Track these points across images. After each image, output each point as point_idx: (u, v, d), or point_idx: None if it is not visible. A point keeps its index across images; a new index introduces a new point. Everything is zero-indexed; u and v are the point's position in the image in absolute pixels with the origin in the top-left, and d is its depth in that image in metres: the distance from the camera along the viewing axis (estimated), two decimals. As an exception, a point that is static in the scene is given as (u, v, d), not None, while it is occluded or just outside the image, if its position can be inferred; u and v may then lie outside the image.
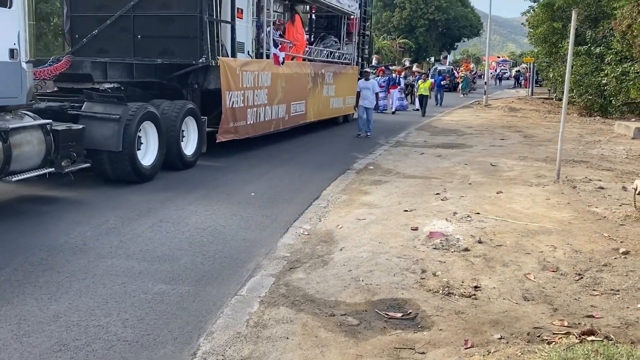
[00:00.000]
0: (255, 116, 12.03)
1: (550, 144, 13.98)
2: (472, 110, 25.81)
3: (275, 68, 12.68)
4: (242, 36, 11.70)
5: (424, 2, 55.55)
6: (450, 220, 6.76)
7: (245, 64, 11.48)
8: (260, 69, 12.10)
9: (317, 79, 15.74)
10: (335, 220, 6.84)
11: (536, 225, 6.64)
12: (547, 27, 27.09)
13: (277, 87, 12.88)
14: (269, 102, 12.59)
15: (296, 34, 15.00)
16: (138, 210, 7.03)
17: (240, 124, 11.38)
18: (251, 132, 12.01)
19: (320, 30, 18.98)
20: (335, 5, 16.79)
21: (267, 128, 12.80)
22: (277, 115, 13.13)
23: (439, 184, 9.07)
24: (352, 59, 18.87)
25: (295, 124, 14.54)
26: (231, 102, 10.90)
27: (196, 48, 10.15)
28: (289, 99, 13.75)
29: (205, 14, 10.06)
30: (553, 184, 9.07)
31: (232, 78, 10.79)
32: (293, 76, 13.98)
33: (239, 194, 8.19)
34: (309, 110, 15.26)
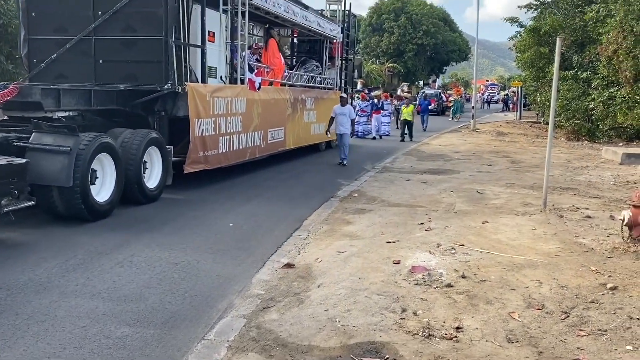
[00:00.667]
0: (228, 144, 11.41)
1: (537, 170, 13.84)
2: (460, 135, 25.76)
3: (250, 94, 12.16)
4: (214, 61, 11.23)
5: (412, 27, 55.96)
6: (434, 253, 6.54)
7: (217, 89, 10.90)
8: (234, 94, 11.53)
9: (297, 104, 15.31)
10: (315, 253, 6.61)
11: (522, 258, 6.44)
12: (534, 52, 27.20)
13: (252, 114, 12.37)
14: (243, 130, 12.02)
15: (272, 59, 14.47)
16: (108, 245, 6.75)
17: (211, 153, 10.72)
18: (224, 161, 11.32)
19: (302, 54, 18.66)
20: (317, 29, 16.43)
21: (241, 157, 12.13)
22: (252, 142, 12.55)
23: (423, 212, 8.87)
24: (335, 83, 18.55)
25: (273, 152, 13.96)
26: (200, 130, 10.27)
27: (161, 73, 9.58)
28: (266, 126, 13.23)
29: (170, 37, 9.50)
30: (540, 212, 8.88)
31: (201, 105, 10.21)
32: (270, 102, 13.49)
33: (217, 225, 7.94)
34: (289, 137, 14.77)
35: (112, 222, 7.85)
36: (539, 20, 27.17)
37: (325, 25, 17.01)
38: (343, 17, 18.76)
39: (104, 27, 9.76)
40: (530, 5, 27.99)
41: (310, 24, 15.85)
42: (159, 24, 9.50)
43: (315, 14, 16.42)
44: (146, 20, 9.58)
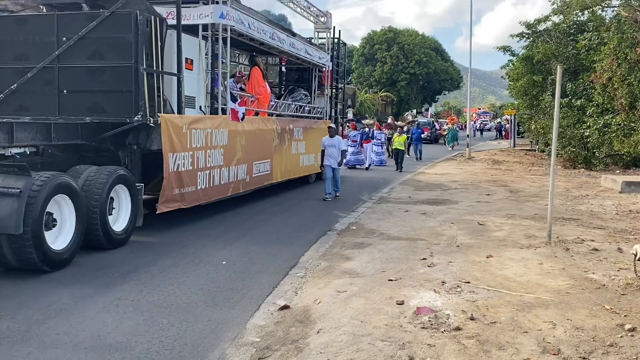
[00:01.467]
0: (208, 180, 10.57)
1: (537, 200, 13.58)
2: (455, 163, 25.55)
3: (233, 124, 11.42)
4: (192, 90, 10.51)
5: (405, 57, 56.31)
6: (439, 292, 6.19)
7: (195, 121, 10.10)
8: (215, 126, 10.76)
9: (285, 135, 14.64)
10: (313, 293, 6.24)
11: (532, 296, 6.09)
12: (527, 80, 27.24)
13: (235, 146, 11.61)
14: (225, 163, 11.18)
15: (257, 87, 13.71)
16: (94, 287, 6.36)
17: (188, 190, 9.85)
18: (203, 198, 10.44)
19: (290, 83, 18.07)
20: (305, 57, 15.92)
21: (223, 192, 11.27)
22: (236, 177, 11.73)
23: (425, 246, 8.54)
24: (325, 112, 18.09)
25: (259, 186, 13.15)
26: (175, 166, 9.43)
27: (130, 104, 8.71)
28: (251, 158, 12.46)
29: (141, 64, 8.66)
30: (545, 245, 8.56)
31: (177, 137, 9.41)
32: (256, 133, 12.75)
33: (208, 263, 7.56)
34: (275, 170, 14.03)
35: (99, 262, 7.47)
36: (532, 48, 27.21)
37: (314, 53, 16.59)
38: (332, 45, 18.44)
39: (69, 54, 8.91)
40: (522, 34, 28.05)
41: (298, 52, 15.39)
42: (128, 50, 8.68)
43: (303, 42, 15.99)
44: (114, 47, 8.79)
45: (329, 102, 18.24)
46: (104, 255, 7.77)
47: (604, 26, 22.08)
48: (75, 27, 8.85)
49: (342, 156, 14.14)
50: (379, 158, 24.32)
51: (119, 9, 8.72)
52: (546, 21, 27.06)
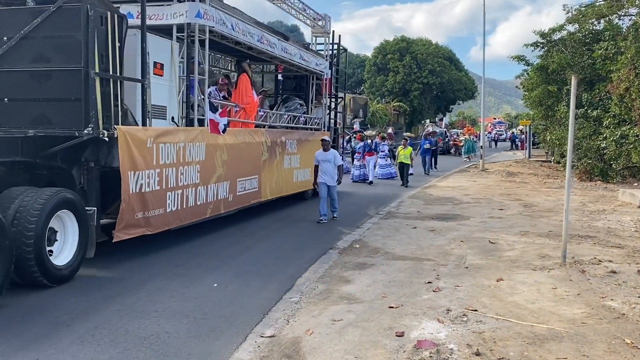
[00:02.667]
0: (181, 201, 9.27)
1: (552, 215, 13.03)
2: (468, 175, 24.99)
3: (213, 137, 10.18)
4: (162, 98, 9.26)
5: (418, 67, 55.79)
6: (443, 322, 5.70)
7: (163, 133, 8.81)
8: (189, 139, 9.50)
9: (276, 148, 13.34)
10: (306, 322, 5.78)
11: (544, 327, 5.59)
12: (542, 90, 26.64)
13: (215, 161, 10.36)
14: (202, 181, 9.90)
15: (244, 96, 12.40)
16: (73, 313, 5.95)
17: (154, 213, 8.55)
18: (174, 222, 9.15)
19: (287, 92, 16.82)
20: (299, 63, 14.61)
21: (200, 214, 10.00)
22: (215, 196, 10.42)
23: (431, 267, 8.05)
24: (322, 123, 16.75)
25: (245, 205, 11.89)
26: (138, 186, 8.15)
27: (80, 114, 7.38)
28: (235, 175, 11.18)
29: (92, 68, 7.39)
30: (559, 267, 8.04)
31: (139, 153, 8.13)
32: (240, 146, 11.44)
33: (199, 285, 7.11)
34: (265, 187, 12.75)
35: (85, 283, 7.05)
36: (546, 58, 26.65)
37: (310, 59, 15.33)
38: (332, 51, 17.24)
39: (10, 56, 7.58)
40: (537, 44, 27.50)
41: (292, 57, 14.11)
42: (76, 52, 7.35)
43: (298, 47, 14.80)
44: (62, 47, 7.46)
45: (327, 112, 17.14)
46: (89, 277, 7.34)
47: (620, 35, 21.53)
48: (17, 25, 7.52)
49: (339, 172, 12.54)
50: (386, 171, 23.39)
51: (66, 3, 7.41)
52: (561, 30, 26.56)
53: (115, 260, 8.06)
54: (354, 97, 45.89)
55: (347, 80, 67.75)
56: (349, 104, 42.52)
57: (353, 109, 42.93)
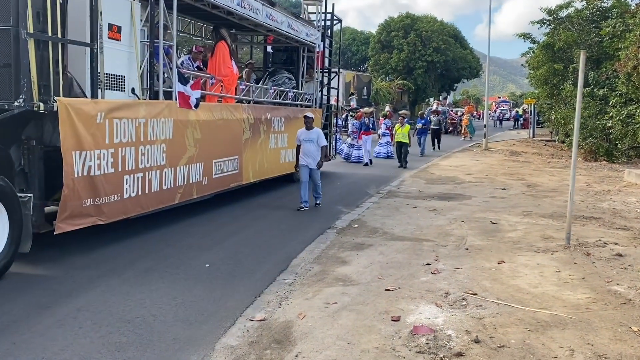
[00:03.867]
0: (142, 185, 8.08)
1: (555, 195, 12.76)
2: (471, 154, 24.68)
3: (183, 113, 9.03)
4: (119, 66, 7.89)
5: (422, 44, 55.05)
6: (441, 306, 5.47)
7: (119, 107, 7.54)
8: (153, 114, 8.27)
9: (260, 126, 12.10)
10: (298, 304, 5.55)
11: (547, 312, 5.35)
12: (548, 69, 26.24)
13: (185, 140, 9.18)
14: (169, 163, 8.71)
15: (222, 67, 10.91)
16: (56, 294, 5.72)
17: (107, 200, 7.34)
18: (133, 209, 7.99)
19: (277, 66, 15.42)
20: (287, 33, 13.22)
21: (166, 200, 8.82)
22: (186, 179, 9.25)
23: (430, 248, 7.81)
24: (314, 100, 15.35)
25: (222, 189, 10.69)
26: (85, 168, 6.91)
27: (9, 83, 6.27)
28: (210, 155, 10.01)
29: (24, 27, 6.23)
30: (563, 249, 7.79)
31: (86, 130, 6.88)
32: (217, 124, 10.21)
33: (190, 266, 6.87)
34: (246, 168, 11.55)
35: (68, 263, 6.82)
36: (553, 36, 26.20)
37: (300, 28, 13.94)
38: (324, 21, 15.74)
39: None
40: (543, 21, 27.01)
41: (278, 26, 12.66)
42: (4, 8, 6.22)
43: (287, 15, 13.34)
44: None
45: (319, 87, 15.68)
46: (77, 256, 7.10)
47: (629, 12, 21.07)
48: None
49: (322, 154, 11.03)
50: (385, 149, 22.52)
51: None
52: (568, 7, 26.11)
53: (103, 239, 7.79)
54: (358, 74, 45.42)
55: (351, 58, 66.75)
56: (353, 81, 42.12)
57: (356, 87, 42.50)
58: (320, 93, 15.76)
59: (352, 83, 41.75)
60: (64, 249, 7.18)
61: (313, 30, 14.85)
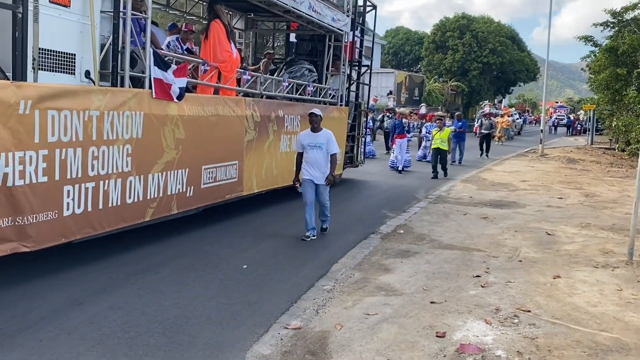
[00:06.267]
0: (93, 198, 6.23)
1: (616, 207, 12.05)
2: (526, 160, 23.83)
3: (159, 105, 7.15)
4: (66, 41, 6.09)
5: (478, 45, 53.82)
6: (491, 323, 5.08)
7: (56, 95, 5.68)
8: (113, 106, 6.38)
9: (269, 124, 10.07)
10: (336, 314, 5.25)
11: (607, 335, 4.90)
12: (610, 73, 25.10)
13: (162, 140, 7.26)
14: (137, 169, 6.85)
15: (218, 50, 8.93)
16: (90, 290, 5.58)
17: (35, 220, 5.57)
18: (77, 230, 6.08)
19: (301, 57, 13.34)
20: (307, 15, 11.02)
21: (130, 218, 6.90)
22: (161, 190, 7.33)
23: (481, 259, 7.38)
24: (339, 97, 13.24)
25: (213, 202, 8.74)
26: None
27: None
28: (198, 160, 8.12)
29: None
30: (625, 265, 7.24)
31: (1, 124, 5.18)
32: (209, 121, 8.29)
33: (228, 266, 6.66)
34: (248, 176, 9.57)
35: (109, 261, 6.70)
36: (616, 39, 25.08)
37: (325, 12, 11.71)
38: (355, 5, 13.66)
39: None
40: (607, 23, 25.90)
41: (296, 6, 10.45)
42: None
43: None
44: None
45: (346, 82, 13.56)
46: (115, 253, 6.99)
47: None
48: None
49: (332, 166, 8.44)
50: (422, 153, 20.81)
51: None
52: (634, 9, 24.91)
53: (141, 236, 7.63)
54: (410, 74, 44.78)
55: (404, 58, 65.83)
56: (405, 81, 41.54)
57: (408, 87, 41.90)
58: (347, 89, 13.74)
59: (404, 83, 41.16)
60: (102, 246, 7.04)
61: (341, 16, 12.70)
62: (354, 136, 14.53)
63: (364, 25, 14.53)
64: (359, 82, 14.65)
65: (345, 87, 13.50)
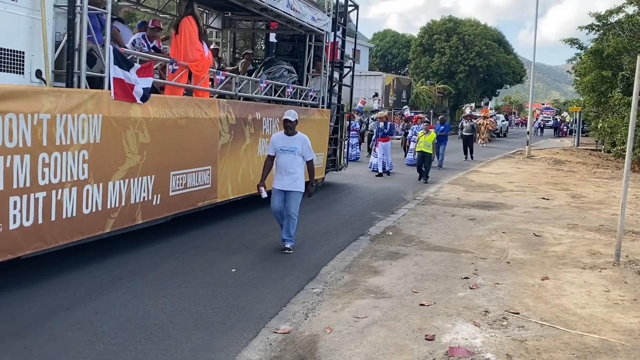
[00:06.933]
0: (44, 210, 5.71)
1: (602, 208, 12.14)
2: (513, 162, 23.97)
3: (120, 108, 6.64)
4: (13, 37, 5.58)
5: (465, 48, 54.14)
6: (480, 325, 5.07)
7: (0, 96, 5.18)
8: (67, 108, 5.88)
9: (245, 127, 9.61)
10: (326, 317, 5.22)
11: (596, 337, 4.91)
12: (596, 76, 25.31)
13: (124, 145, 6.75)
14: (95, 177, 6.32)
15: (189, 49, 8.38)
16: (77, 295, 5.52)
17: None
18: (26, 245, 5.57)
19: (282, 58, 12.98)
20: (286, 13, 10.65)
21: (88, 229, 6.35)
22: (123, 199, 6.82)
23: (469, 261, 7.39)
24: (320, 98, 12.85)
25: (184, 210, 8.24)
26: None
27: None
28: (166, 166, 7.62)
29: None
30: (612, 266, 7.28)
31: None
32: (178, 123, 7.80)
33: (216, 270, 6.61)
34: (223, 182, 9.06)
35: (95, 264, 6.63)
36: (602, 42, 25.30)
37: (304, 10, 11.35)
38: (336, 5, 13.27)
39: None
40: (592, 26, 26.11)
41: (273, 3, 10.08)
42: None
43: None
44: None
45: (327, 83, 13.13)
46: (100, 258, 6.92)
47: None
48: None
49: (311, 173, 7.90)
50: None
51: None
52: (619, 12, 25.15)
53: (129, 240, 7.52)
54: (398, 77, 44.87)
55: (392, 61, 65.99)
56: (392, 84, 41.59)
57: (396, 90, 41.96)
58: (329, 91, 13.31)
59: (392, 86, 41.24)
60: (86, 251, 6.94)
61: (321, 15, 12.38)
62: (336, 139, 14.20)
63: (345, 26, 14.11)
64: (342, 84, 14.39)
65: (326, 88, 13.15)
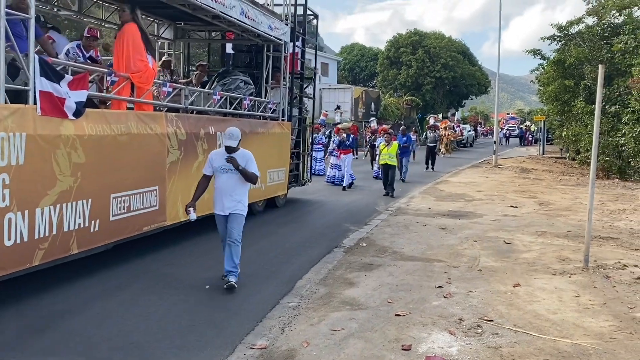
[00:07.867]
0: None
1: (569, 214, 12.39)
2: (481, 171, 24.31)
3: (48, 125, 5.93)
4: None
5: (430, 60, 54.87)
6: (455, 334, 5.13)
7: None
8: None
9: (197, 143, 8.91)
10: (303, 331, 5.22)
11: (568, 342, 5.01)
12: (558, 85, 25.91)
13: (53, 166, 6.00)
14: (18, 204, 5.53)
15: (133, 58, 7.69)
16: (49, 317, 5.42)
17: None
18: None
19: (241, 69, 12.33)
20: (240, 22, 10.01)
21: (11, 264, 5.53)
22: (55, 227, 6.04)
23: (442, 269, 7.47)
24: (280, 110, 12.27)
25: (128, 235, 7.46)
26: None
27: None
28: (105, 188, 6.86)
29: None
30: (581, 271, 7.44)
31: None
32: (119, 141, 7.06)
33: (189, 287, 6.55)
34: (172, 203, 8.30)
35: (68, 286, 6.52)
36: (563, 52, 25.92)
37: (260, 18, 10.74)
38: (295, 14, 12.72)
39: None
40: (553, 37, 26.73)
41: (225, 10, 9.40)
42: None
43: (245, 1, 10.19)
44: None
45: (287, 96, 12.53)
46: (72, 278, 6.81)
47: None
48: None
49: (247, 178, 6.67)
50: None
51: None
52: (579, 23, 25.82)
53: (100, 259, 7.40)
54: (366, 90, 45.23)
55: (360, 74, 66.43)
56: (361, 97, 41.91)
57: (365, 102, 42.29)
58: (289, 103, 12.70)
59: (360, 99, 41.56)
60: (55, 273, 6.79)
61: (279, 24, 11.77)
62: (298, 153, 13.60)
63: (305, 35, 13.59)
64: (303, 95, 13.85)
65: (287, 100, 12.56)
